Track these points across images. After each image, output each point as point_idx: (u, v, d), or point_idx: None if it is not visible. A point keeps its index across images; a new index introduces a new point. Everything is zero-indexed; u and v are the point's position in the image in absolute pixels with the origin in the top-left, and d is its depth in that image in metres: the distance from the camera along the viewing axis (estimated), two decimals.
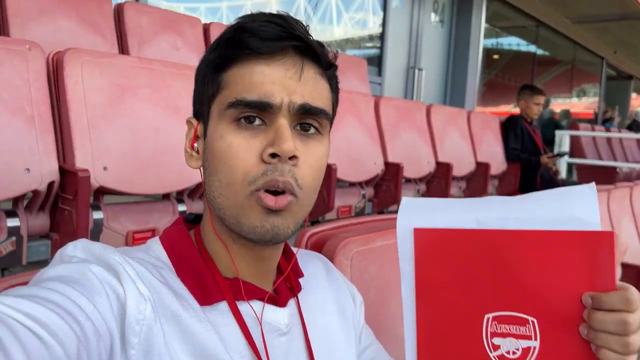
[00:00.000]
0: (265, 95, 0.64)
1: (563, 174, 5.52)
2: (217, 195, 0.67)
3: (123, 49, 2.91)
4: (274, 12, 0.69)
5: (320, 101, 0.68)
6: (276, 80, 0.65)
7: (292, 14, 0.70)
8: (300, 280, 0.80)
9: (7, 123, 1.58)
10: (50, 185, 1.66)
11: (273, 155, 0.64)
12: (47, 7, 2.61)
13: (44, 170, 1.64)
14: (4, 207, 1.64)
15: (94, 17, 2.80)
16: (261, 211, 0.65)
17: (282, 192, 0.65)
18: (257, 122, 0.66)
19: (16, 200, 1.66)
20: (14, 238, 1.61)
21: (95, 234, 1.79)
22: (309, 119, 0.68)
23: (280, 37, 0.65)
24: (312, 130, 0.69)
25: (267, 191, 0.64)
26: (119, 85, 1.88)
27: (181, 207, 2.06)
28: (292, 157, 0.64)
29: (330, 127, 0.75)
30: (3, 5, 2.44)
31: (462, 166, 3.90)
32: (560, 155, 4.57)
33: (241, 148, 0.65)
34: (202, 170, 0.72)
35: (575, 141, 6.19)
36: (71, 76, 1.75)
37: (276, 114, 0.65)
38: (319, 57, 0.69)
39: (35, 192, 1.65)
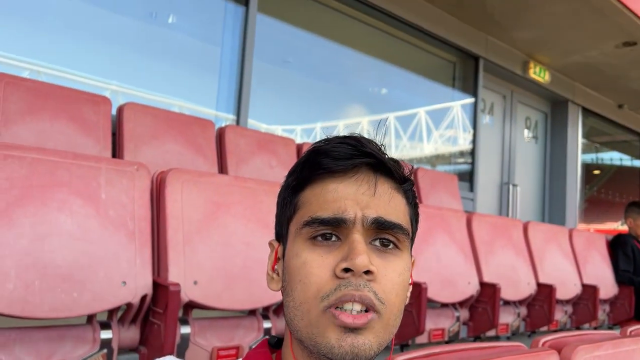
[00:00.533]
0: (338, 211, 0.64)
1: None
2: (293, 317, 0.65)
3: (222, 168, 3.11)
4: (365, 131, 0.71)
5: (395, 216, 0.67)
6: (349, 196, 0.65)
7: (381, 133, 0.71)
8: None
9: (110, 238, 1.68)
10: (144, 298, 1.71)
11: (346, 270, 0.62)
12: (158, 133, 2.88)
13: (139, 283, 1.70)
14: (98, 318, 1.69)
15: (198, 140, 3.04)
16: (338, 330, 0.61)
17: (363, 310, 0.61)
18: (333, 238, 0.65)
19: (111, 313, 1.72)
20: (105, 350, 1.65)
21: (181, 350, 1.78)
22: (384, 234, 0.66)
23: (352, 155, 0.66)
24: (391, 245, 0.67)
25: (344, 309, 0.61)
26: (215, 202, 1.97)
27: (266, 324, 2.03)
28: (368, 272, 0.62)
29: (412, 242, 0.73)
30: (121, 132, 2.74)
31: (567, 289, 3.59)
32: None
33: (315, 264, 0.63)
34: (282, 293, 0.70)
35: None
36: (172, 194, 1.87)
37: (350, 229, 0.64)
38: (393, 172, 0.69)
39: (129, 305, 1.70)
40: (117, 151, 2.73)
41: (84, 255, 1.60)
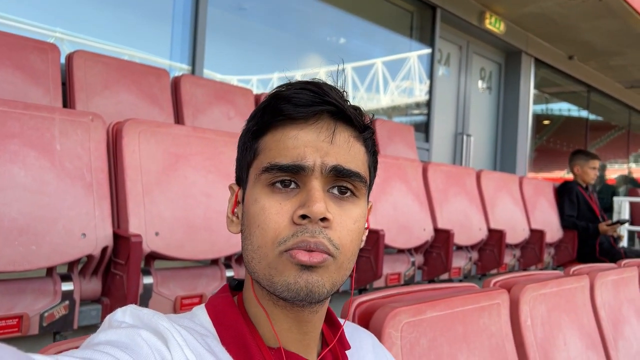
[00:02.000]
0: (298, 158, 0.65)
1: (624, 242, 5.25)
2: (250, 259, 0.67)
3: (179, 118, 3.05)
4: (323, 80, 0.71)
5: (353, 164, 0.68)
6: (309, 143, 0.66)
7: (339, 84, 0.72)
8: (347, 352, 0.77)
9: (67, 190, 1.65)
10: (104, 250, 1.70)
11: (303, 217, 0.63)
12: (110, 82, 2.79)
13: (99, 235, 1.69)
14: (59, 271, 1.68)
15: (152, 90, 2.96)
16: (294, 268, 0.63)
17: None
18: (292, 185, 0.66)
19: (71, 265, 1.70)
20: (67, 302, 1.64)
21: (144, 299, 1.80)
22: (342, 182, 0.67)
23: (313, 102, 0.66)
24: (348, 193, 0.68)
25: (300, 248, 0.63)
26: (173, 153, 1.95)
27: (229, 273, 2.06)
28: (324, 219, 0.64)
29: (369, 190, 0.74)
30: (71, 81, 2.63)
31: (516, 233, 3.78)
32: (621, 222, 4.36)
33: (273, 210, 0.65)
34: (241, 235, 0.72)
35: (636, 208, 5.91)
36: (129, 145, 1.83)
37: (309, 176, 0.65)
38: (353, 120, 0.69)
39: (90, 257, 1.69)
40: (68, 101, 2.63)
41: (41, 207, 1.57)
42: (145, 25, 3.82)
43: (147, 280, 1.82)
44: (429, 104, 5.87)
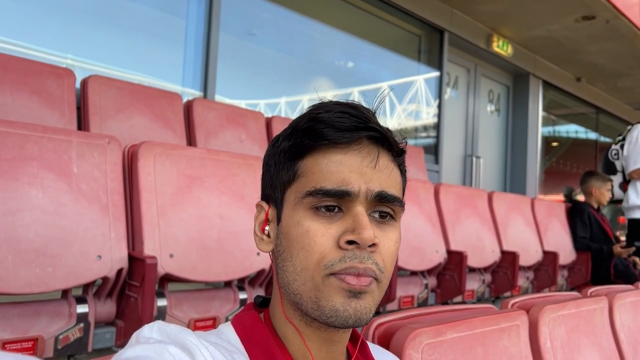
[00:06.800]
0: (343, 183, 0.66)
1: None
2: (292, 281, 0.67)
3: (191, 141, 3.07)
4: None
5: (394, 189, 0.69)
6: (353, 168, 0.66)
7: (377, 103, 0.73)
8: None
9: (84, 212, 1.66)
10: (119, 272, 1.70)
11: (350, 242, 0.64)
12: (124, 106, 2.82)
13: (114, 257, 1.69)
14: (74, 293, 1.68)
15: (165, 113, 2.99)
16: (344, 294, 0.64)
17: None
18: (335, 209, 0.67)
19: (86, 287, 1.70)
20: (82, 324, 1.64)
21: None
22: (384, 207, 0.68)
23: (357, 127, 0.67)
24: (388, 217, 0.69)
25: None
26: (188, 175, 1.96)
27: (242, 295, 2.05)
28: (372, 245, 0.65)
29: (403, 212, 0.75)
30: (86, 105, 2.66)
31: (529, 255, 3.74)
32: (636, 245, 4.30)
33: (319, 233, 0.65)
34: (272, 254, 0.72)
35: None
36: (144, 167, 1.85)
37: (353, 201, 0.66)
38: (392, 145, 0.71)
39: (105, 279, 1.69)
40: (82, 125, 2.66)
41: (57, 229, 1.58)
42: (157, 51, 3.87)
43: (161, 302, 1.81)
44: (438, 126, 5.89)
